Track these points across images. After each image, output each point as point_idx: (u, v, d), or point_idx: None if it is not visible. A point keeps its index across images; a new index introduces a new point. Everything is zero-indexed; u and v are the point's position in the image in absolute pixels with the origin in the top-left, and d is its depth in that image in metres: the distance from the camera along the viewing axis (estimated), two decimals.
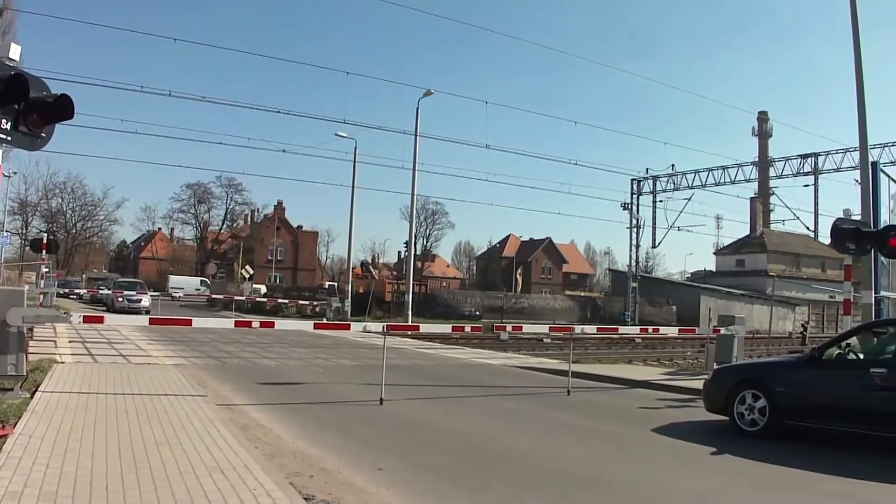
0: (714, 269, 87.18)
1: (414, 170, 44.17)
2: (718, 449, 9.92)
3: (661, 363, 25.75)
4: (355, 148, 48.36)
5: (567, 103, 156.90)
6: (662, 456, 9.70)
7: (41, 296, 31.97)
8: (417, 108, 43.72)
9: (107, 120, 77.77)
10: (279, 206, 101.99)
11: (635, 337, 38.50)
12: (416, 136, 43.87)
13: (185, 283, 75.65)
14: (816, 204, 64.07)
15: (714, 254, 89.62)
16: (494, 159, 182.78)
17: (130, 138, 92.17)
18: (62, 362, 15.67)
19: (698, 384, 13.99)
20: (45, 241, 31.07)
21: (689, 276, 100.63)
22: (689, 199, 59.13)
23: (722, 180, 57.18)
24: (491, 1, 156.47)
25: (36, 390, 11.41)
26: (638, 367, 23.33)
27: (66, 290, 56.35)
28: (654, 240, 63.98)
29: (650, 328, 35.02)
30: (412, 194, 46.00)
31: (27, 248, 62.09)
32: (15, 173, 72.08)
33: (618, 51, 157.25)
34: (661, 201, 61.81)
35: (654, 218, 62.48)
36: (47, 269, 36.88)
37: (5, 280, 49.52)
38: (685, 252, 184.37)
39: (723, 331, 18.33)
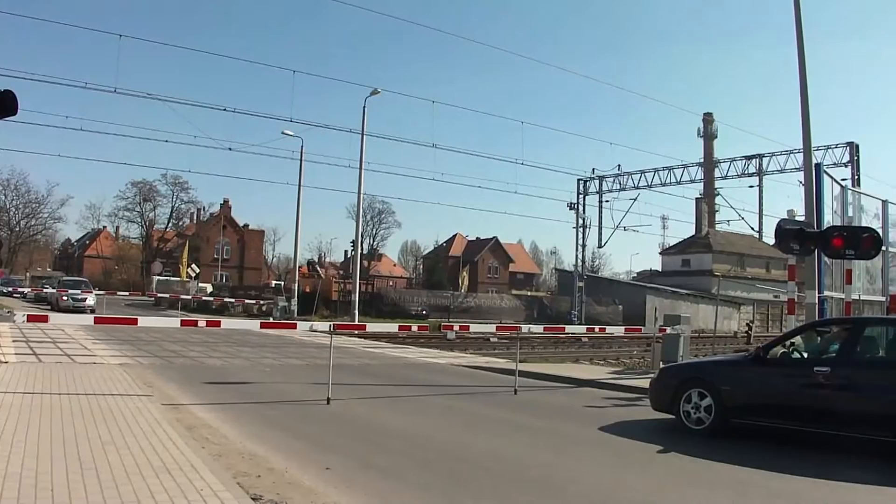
0: (660, 269, 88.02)
1: (361, 169, 43.98)
2: (665, 447, 10.03)
3: (607, 362, 25.97)
4: (302, 147, 47.91)
5: (513, 103, 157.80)
6: (609, 454, 9.81)
7: None
8: (364, 107, 43.41)
9: (51, 116, 76.42)
10: (225, 205, 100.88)
11: (582, 336, 38.67)
12: (362, 135, 43.64)
13: None
14: (761, 204, 65.31)
15: (660, 254, 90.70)
16: (441, 159, 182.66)
17: (75, 135, 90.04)
18: (6, 362, 15.49)
19: (645, 383, 14.12)
20: None
21: (636, 275, 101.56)
22: (635, 200, 59.71)
23: (667, 181, 57.77)
24: (437, 0, 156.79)
25: None
26: (585, 366, 23.51)
27: (10, 289, 55.65)
28: (600, 239, 64.57)
29: (597, 327, 35.03)
30: (359, 193, 46.01)
31: None
32: None
33: (564, 51, 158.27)
34: (607, 201, 62.42)
35: (600, 218, 63.08)
36: None
37: None
38: (631, 252, 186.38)
39: (669, 330, 18.58)
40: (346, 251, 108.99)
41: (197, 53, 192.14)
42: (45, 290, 47.95)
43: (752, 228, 69.96)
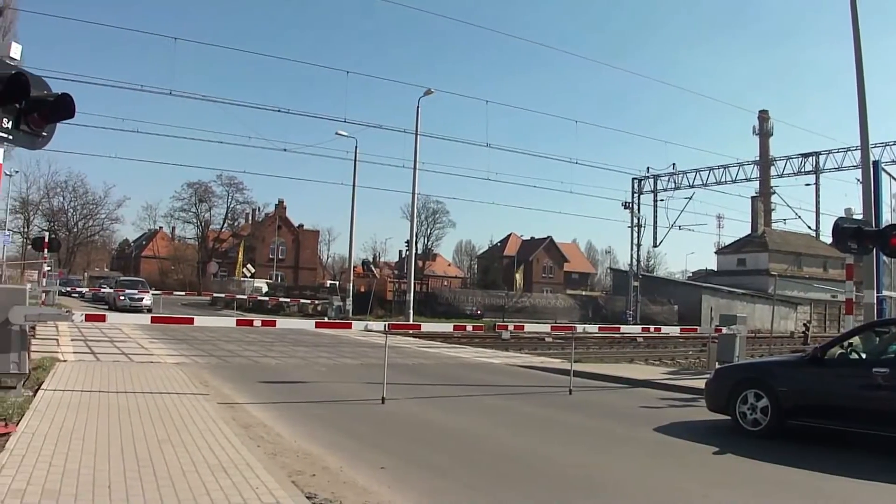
0: (715, 269, 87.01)
1: (415, 169, 44.04)
2: (720, 448, 9.89)
3: (662, 362, 25.78)
4: (356, 147, 48.21)
5: (567, 102, 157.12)
6: (663, 455, 9.69)
7: (43, 294, 32.06)
8: (418, 107, 43.58)
9: (107, 119, 77.53)
10: (280, 205, 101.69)
11: (637, 336, 38.48)
12: (416, 135, 43.75)
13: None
14: (818, 203, 64.63)
15: (715, 253, 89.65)
16: (495, 158, 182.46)
17: (131, 137, 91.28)
18: (64, 360, 15.69)
19: (700, 383, 13.96)
20: (46, 240, 31.13)
21: (691, 275, 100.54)
22: (690, 199, 59.33)
23: (723, 179, 57.29)
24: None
25: (38, 388, 11.43)
26: (640, 366, 23.35)
27: (68, 289, 56.46)
28: (655, 239, 64.11)
29: (652, 327, 34.93)
30: (413, 193, 45.88)
31: (29, 247, 62.17)
32: (17, 172, 72.17)
33: (616, 48, 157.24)
34: (661, 200, 61.99)
35: (655, 217, 62.64)
36: (49, 268, 36.92)
37: (7, 279, 49.53)
38: (686, 251, 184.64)
39: (725, 330, 18.32)
40: (400, 251, 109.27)
41: (250, 55, 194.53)
42: (102, 290, 48.61)
43: (809, 227, 69.32)
